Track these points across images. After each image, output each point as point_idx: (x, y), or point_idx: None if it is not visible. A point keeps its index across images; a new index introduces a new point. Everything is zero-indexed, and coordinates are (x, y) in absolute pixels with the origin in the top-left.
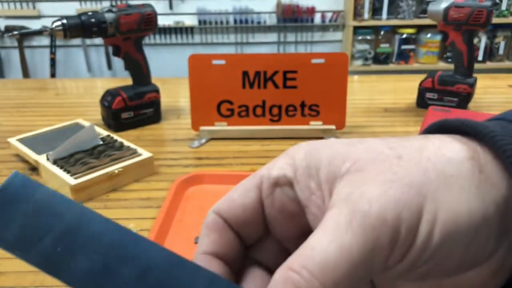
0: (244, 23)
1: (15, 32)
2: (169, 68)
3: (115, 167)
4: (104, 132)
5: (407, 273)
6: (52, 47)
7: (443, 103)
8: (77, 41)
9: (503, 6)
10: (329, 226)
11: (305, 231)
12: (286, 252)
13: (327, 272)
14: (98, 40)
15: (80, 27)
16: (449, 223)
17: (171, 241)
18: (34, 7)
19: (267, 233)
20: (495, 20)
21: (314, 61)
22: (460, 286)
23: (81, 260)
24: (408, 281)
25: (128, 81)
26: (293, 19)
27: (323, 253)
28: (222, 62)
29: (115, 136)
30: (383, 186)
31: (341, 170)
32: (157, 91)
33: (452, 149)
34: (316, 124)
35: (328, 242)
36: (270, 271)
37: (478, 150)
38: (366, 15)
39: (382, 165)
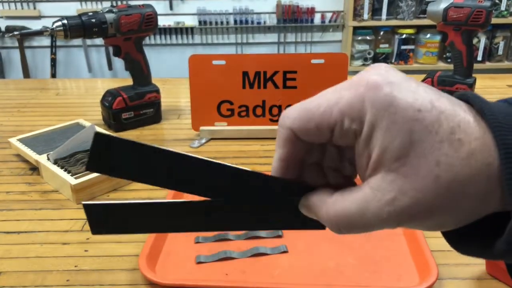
0: (244, 24)
1: (16, 33)
2: (169, 69)
3: None
4: (104, 132)
5: None
6: (53, 47)
7: None
8: (77, 41)
9: (502, 7)
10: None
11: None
12: (338, 156)
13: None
14: (99, 41)
15: (80, 28)
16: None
17: (172, 240)
18: (34, 8)
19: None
20: (494, 20)
21: (314, 61)
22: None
23: (188, 181)
24: None
25: (128, 81)
26: (293, 20)
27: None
28: (222, 62)
29: None
30: None
31: None
32: (157, 91)
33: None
34: None
35: (351, 201)
36: (323, 168)
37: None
38: (365, 16)
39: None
